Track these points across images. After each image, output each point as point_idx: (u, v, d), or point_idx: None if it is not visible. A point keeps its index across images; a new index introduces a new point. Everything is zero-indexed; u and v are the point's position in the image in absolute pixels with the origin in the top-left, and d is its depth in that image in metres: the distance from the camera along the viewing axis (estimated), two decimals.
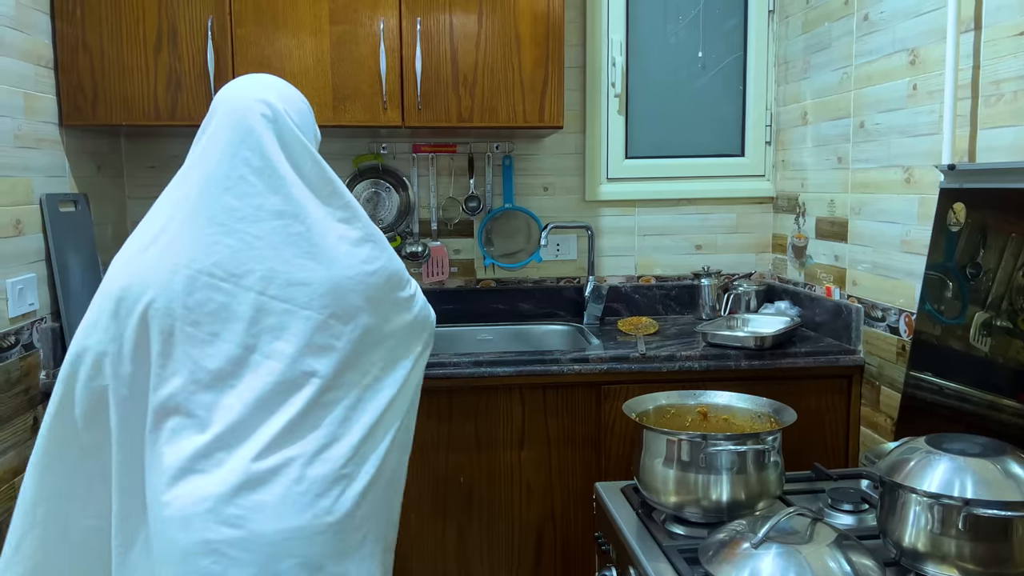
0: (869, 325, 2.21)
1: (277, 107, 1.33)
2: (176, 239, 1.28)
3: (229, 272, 1.26)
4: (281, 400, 1.26)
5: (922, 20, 1.94)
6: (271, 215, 1.28)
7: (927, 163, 1.93)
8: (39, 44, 2.10)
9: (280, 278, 1.27)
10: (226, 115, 1.32)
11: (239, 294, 1.26)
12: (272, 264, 1.27)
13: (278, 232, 1.28)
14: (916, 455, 1.27)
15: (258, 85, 1.37)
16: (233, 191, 1.28)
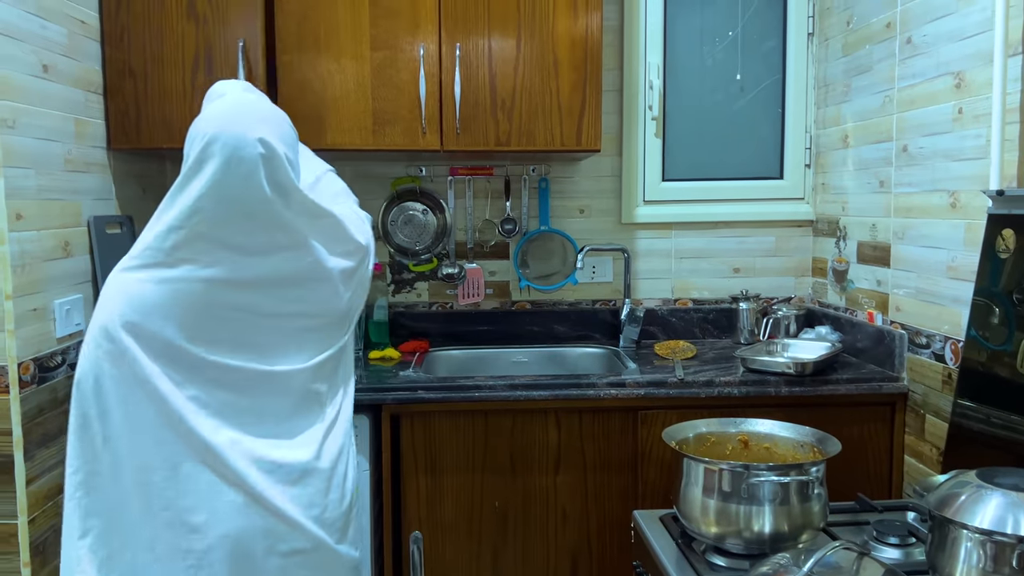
0: (913, 352, 2.17)
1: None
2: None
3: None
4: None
5: (967, 43, 1.91)
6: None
7: (974, 188, 1.90)
8: (89, 71, 2.16)
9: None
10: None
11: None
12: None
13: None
14: (967, 489, 1.24)
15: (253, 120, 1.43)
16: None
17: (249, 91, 1.53)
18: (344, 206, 1.63)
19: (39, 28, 1.90)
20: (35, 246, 1.85)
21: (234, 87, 1.54)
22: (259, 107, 1.46)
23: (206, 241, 1.39)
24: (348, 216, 1.57)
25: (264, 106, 1.48)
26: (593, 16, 2.34)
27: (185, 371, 1.39)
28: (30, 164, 1.84)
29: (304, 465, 1.45)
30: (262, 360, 1.44)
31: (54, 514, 1.90)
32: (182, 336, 1.38)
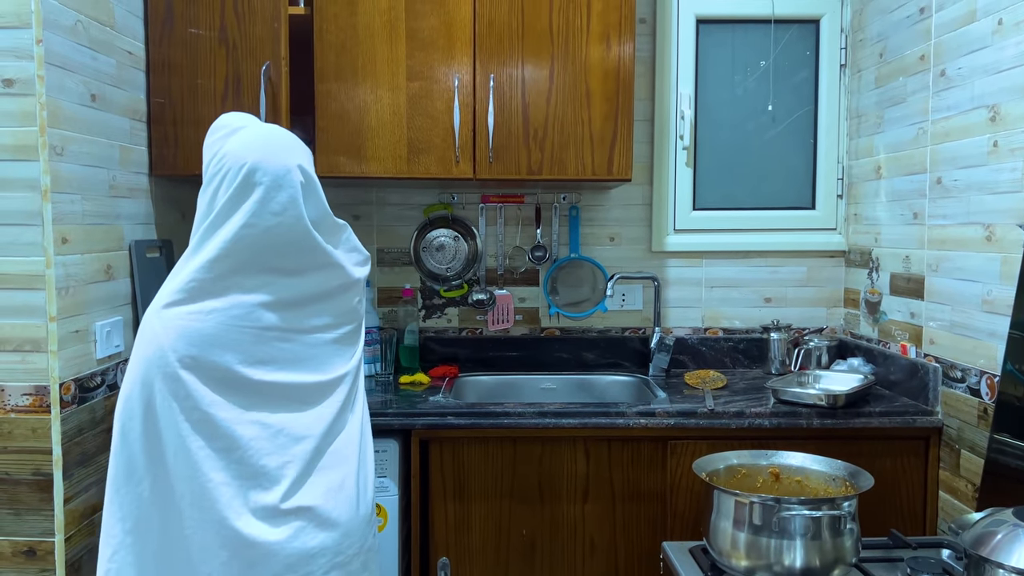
0: (948, 386, 2.14)
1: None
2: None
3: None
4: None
5: (1003, 77, 1.91)
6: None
7: (1009, 221, 1.88)
8: (135, 99, 2.23)
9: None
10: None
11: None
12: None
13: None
14: (1003, 528, 1.22)
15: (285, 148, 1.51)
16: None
17: (267, 124, 1.58)
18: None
19: (90, 60, 1.96)
20: (79, 269, 1.91)
21: (249, 119, 1.56)
22: (288, 136, 1.53)
23: (249, 267, 1.43)
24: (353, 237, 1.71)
25: (289, 135, 1.55)
26: (625, 47, 2.37)
27: (249, 396, 1.42)
28: (77, 190, 1.90)
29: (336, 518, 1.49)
30: (318, 371, 1.50)
31: (89, 532, 1.94)
32: (240, 362, 1.41)
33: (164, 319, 1.42)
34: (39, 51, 1.76)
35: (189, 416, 1.39)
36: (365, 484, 1.54)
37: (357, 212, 2.78)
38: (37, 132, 1.76)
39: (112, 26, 2.09)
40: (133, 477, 1.41)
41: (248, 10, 2.28)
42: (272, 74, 2.27)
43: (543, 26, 2.36)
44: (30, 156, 1.76)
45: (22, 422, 1.79)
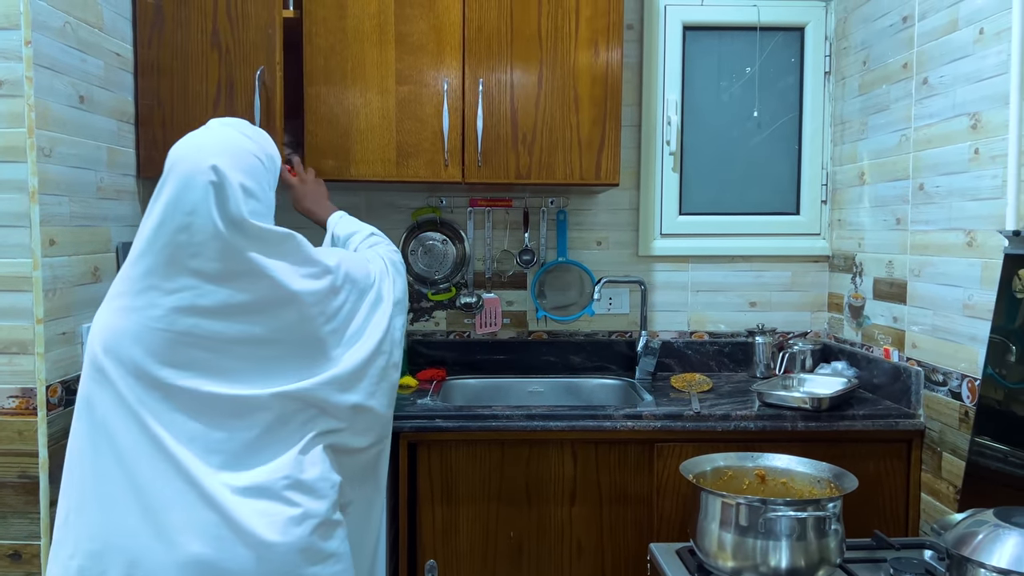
0: (930, 389, 2.17)
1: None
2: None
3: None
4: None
5: (984, 85, 1.94)
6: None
7: (990, 227, 1.92)
8: (123, 101, 2.22)
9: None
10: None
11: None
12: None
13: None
14: (985, 528, 1.25)
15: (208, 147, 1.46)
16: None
17: (227, 125, 1.51)
18: (369, 251, 1.77)
19: (79, 61, 1.96)
20: (66, 271, 1.90)
21: (215, 122, 1.54)
22: (223, 137, 1.45)
23: (170, 267, 1.37)
24: (338, 252, 1.62)
25: (231, 137, 1.47)
26: (613, 53, 2.39)
27: (159, 395, 1.36)
28: (64, 192, 1.89)
29: (262, 485, 1.38)
30: (231, 384, 1.39)
31: None
32: (151, 361, 1.35)
33: (99, 312, 1.42)
34: (28, 52, 1.75)
35: (113, 401, 1.36)
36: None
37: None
38: (25, 134, 1.76)
39: (100, 28, 2.08)
40: (75, 457, 1.40)
41: (241, 15, 2.28)
42: (267, 79, 2.28)
43: (532, 31, 2.37)
44: (18, 158, 1.76)
45: (8, 424, 1.78)
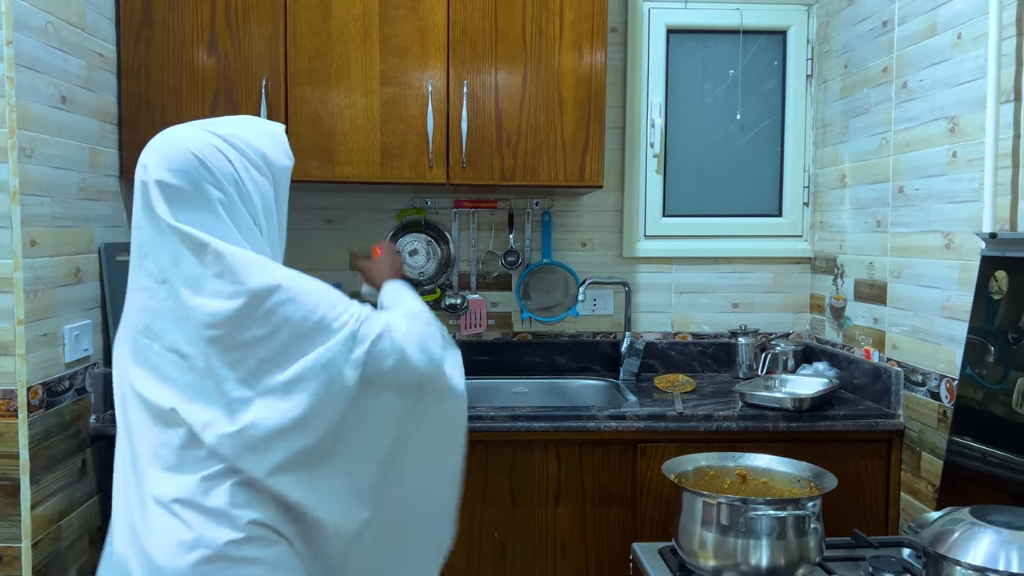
0: (909, 389, 2.20)
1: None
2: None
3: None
4: None
5: (962, 89, 1.97)
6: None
7: (967, 229, 1.94)
8: (106, 102, 2.21)
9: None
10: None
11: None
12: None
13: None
14: (960, 526, 1.26)
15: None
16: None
17: (200, 124, 1.34)
18: (384, 313, 1.38)
19: (61, 61, 1.95)
20: (48, 272, 1.89)
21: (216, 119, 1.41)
22: (170, 137, 1.32)
23: (136, 265, 1.30)
24: (294, 277, 1.25)
25: (178, 136, 1.30)
26: (597, 55, 2.40)
27: (131, 394, 1.28)
28: (46, 192, 1.88)
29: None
30: (163, 391, 1.24)
31: (56, 538, 1.92)
32: (128, 361, 1.28)
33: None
34: (9, 52, 1.74)
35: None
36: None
37: (330, 216, 2.78)
38: (7, 134, 1.75)
39: (83, 28, 2.07)
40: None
41: (243, 26, 2.30)
42: (270, 90, 2.31)
43: (516, 33, 2.38)
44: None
45: None
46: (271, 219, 1.34)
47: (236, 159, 1.28)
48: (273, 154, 1.33)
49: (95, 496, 2.11)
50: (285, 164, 1.35)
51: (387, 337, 1.26)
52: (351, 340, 1.22)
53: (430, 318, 1.40)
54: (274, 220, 1.35)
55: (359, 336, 1.23)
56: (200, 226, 1.24)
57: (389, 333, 1.27)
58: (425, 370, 1.30)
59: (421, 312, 1.42)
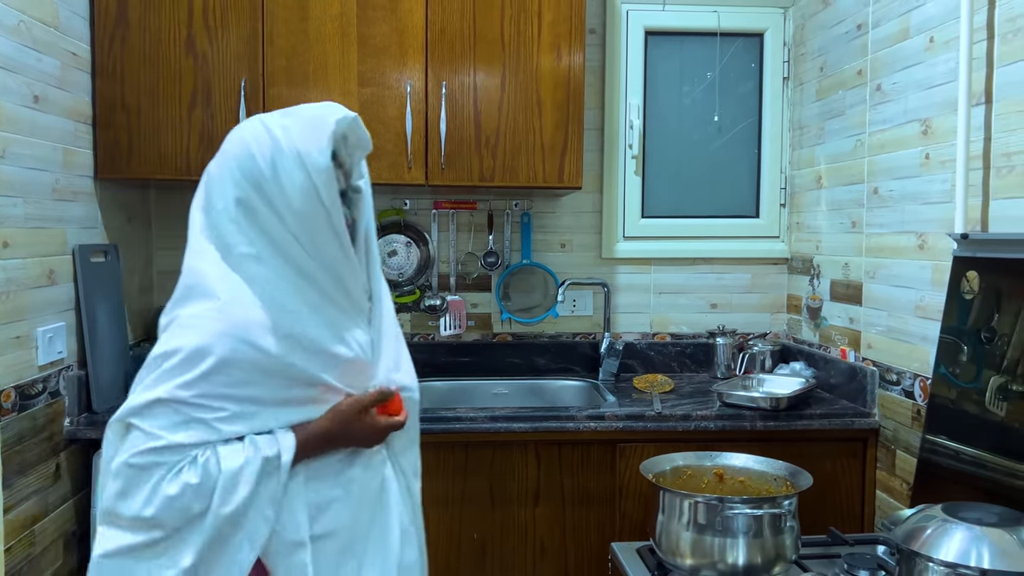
0: (884, 388, 2.22)
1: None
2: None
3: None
4: None
5: (934, 92, 1.99)
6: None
7: (940, 230, 1.97)
8: (80, 102, 2.19)
9: None
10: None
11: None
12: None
13: None
14: (933, 523, 1.28)
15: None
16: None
17: (265, 114, 1.28)
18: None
19: (34, 61, 1.93)
20: (20, 273, 1.87)
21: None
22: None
23: None
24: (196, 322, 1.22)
25: (236, 128, 1.29)
26: (576, 57, 2.41)
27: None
28: (18, 193, 1.86)
29: None
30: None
31: (30, 543, 1.90)
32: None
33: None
34: None
35: None
36: None
37: None
38: None
39: (56, 27, 2.05)
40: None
41: (220, 25, 2.28)
42: (248, 90, 2.30)
43: (495, 35, 2.39)
44: None
45: None
46: (312, 222, 1.22)
47: (264, 151, 1.21)
48: (307, 148, 1.20)
49: (70, 500, 2.08)
50: (319, 162, 1.20)
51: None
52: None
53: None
54: (320, 223, 1.22)
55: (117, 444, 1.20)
56: (213, 229, 1.24)
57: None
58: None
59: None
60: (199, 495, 1.16)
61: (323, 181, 1.20)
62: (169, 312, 1.24)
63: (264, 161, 1.20)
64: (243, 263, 1.22)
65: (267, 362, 1.19)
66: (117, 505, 1.16)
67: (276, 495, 1.21)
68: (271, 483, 1.20)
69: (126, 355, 2.34)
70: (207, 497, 1.16)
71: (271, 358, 1.19)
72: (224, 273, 1.21)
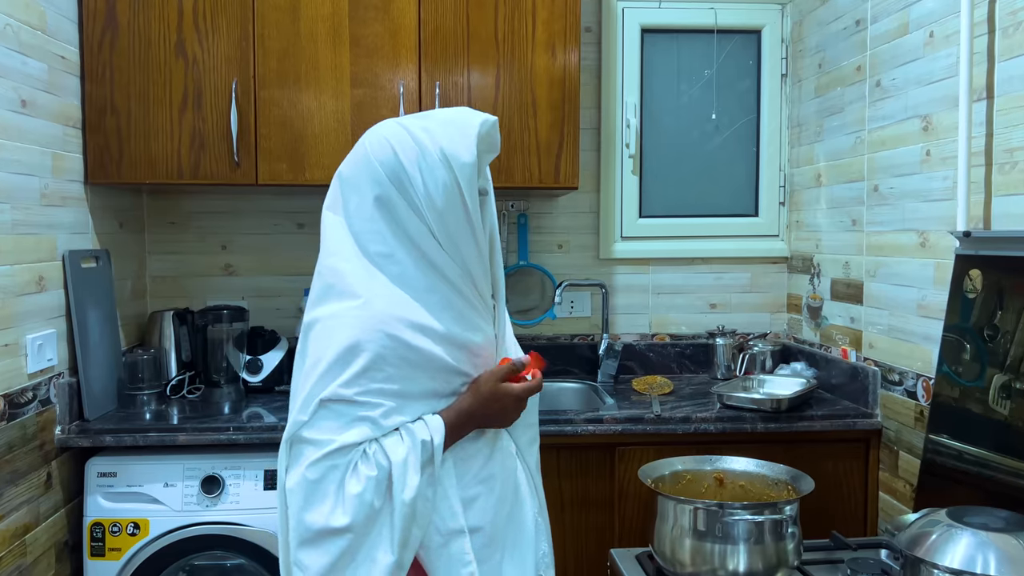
0: (886, 389, 2.19)
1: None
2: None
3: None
4: None
5: (935, 88, 1.96)
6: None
7: (942, 228, 1.94)
8: (69, 106, 2.16)
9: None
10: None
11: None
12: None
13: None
14: (938, 528, 1.25)
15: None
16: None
17: (402, 117, 1.32)
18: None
19: (20, 64, 1.90)
20: (8, 280, 1.84)
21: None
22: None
23: None
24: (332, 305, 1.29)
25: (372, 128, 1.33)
26: (571, 56, 2.38)
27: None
28: (5, 199, 1.84)
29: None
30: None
31: (21, 553, 1.87)
32: None
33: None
34: None
35: None
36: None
37: (301, 220, 2.74)
38: None
39: (43, 30, 2.02)
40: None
41: (211, 27, 2.25)
42: (240, 93, 2.27)
43: (488, 34, 2.36)
44: None
45: None
46: (452, 220, 1.24)
47: (407, 151, 1.23)
48: (452, 148, 1.23)
49: (62, 509, 2.06)
50: (464, 161, 1.22)
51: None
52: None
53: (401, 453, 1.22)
54: (459, 220, 1.25)
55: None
56: (348, 229, 1.26)
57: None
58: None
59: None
60: (379, 489, 1.18)
61: (466, 179, 1.23)
62: (310, 311, 1.25)
63: (408, 159, 1.23)
64: (379, 260, 1.24)
65: (412, 356, 1.22)
66: (306, 519, 1.17)
67: (433, 479, 1.23)
68: (429, 467, 1.22)
69: (119, 361, 2.32)
70: (385, 490, 1.19)
71: (416, 352, 1.22)
72: (362, 271, 1.24)
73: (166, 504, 2.05)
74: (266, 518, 2.06)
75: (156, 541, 2.04)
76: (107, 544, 2.04)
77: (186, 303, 2.67)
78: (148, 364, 2.34)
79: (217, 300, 2.69)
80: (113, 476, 2.05)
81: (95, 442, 2.06)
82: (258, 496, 2.07)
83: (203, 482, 2.06)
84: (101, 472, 2.05)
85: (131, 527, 2.04)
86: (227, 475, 2.07)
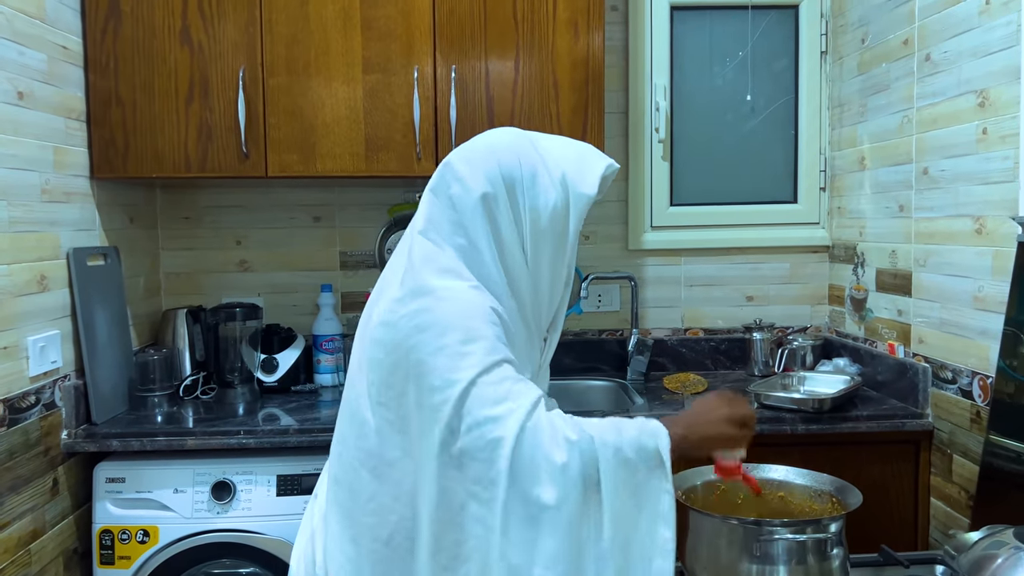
0: (938, 387, 2.04)
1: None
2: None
3: None
4: None
5: (991, 60, 1.80)
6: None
7: (1001, 213, 1.78)
8: (71, 98, 2.09)
9: None
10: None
11: None
12: None
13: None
14: (1004, 551, 1.12)
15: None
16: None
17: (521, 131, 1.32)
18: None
19: (16, 55, 1.83)
20: (7, 280, 1.77)
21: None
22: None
23: None
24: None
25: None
26: (595, 36, 2.25)
27: None
28: (3, 196, 1.76)
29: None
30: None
31: (26, 563, 1.81)
32: None
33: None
34: None
35: None
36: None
37: (317, 213, 2.65)
38: None
39: (42, 19, 1.95)
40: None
41: (217, 13, 2.17)
42: (247, 81, 2.18)
43: (507, 14, 2.24)
44: None
45: None
46: (548, 245, 1.23)
47: (531, 162, 1.22)
48: (575, 176, 1.24)
49: (70, 516, 1.99)
50: (582, 192, 1.23)
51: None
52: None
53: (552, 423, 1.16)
54: (554, 245, 1.24)
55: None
56: (444, 214, 1.22)
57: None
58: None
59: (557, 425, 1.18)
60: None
61: (578, 210, 1.23)
62: (416, 277, 1.17)
63: (527, 169, 1.22)
64: (464, 252, 1.20)
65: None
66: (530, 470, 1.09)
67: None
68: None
69: (129, 362, 2.25)
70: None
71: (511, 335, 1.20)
72: (457, 258, 1.21)
73: (176, 511, 1.97)
74: (279, 525, 1.98)
75: (166, 549, 1.97)
76: (116, 552, 1.98)
77: (201, 300, 2.60)
78: (160, 364, 2.27)
79: (232, 297, 2.62)
80: (122, 482, 1.99)
81: (101, 447, 1.99)
82: (271, 503, 1.99)
83: (213, 488, 1.98)
84: (109, 478, 1.99)
85: (140, 534, 1.97)
86: (238, 480, 1.99)
